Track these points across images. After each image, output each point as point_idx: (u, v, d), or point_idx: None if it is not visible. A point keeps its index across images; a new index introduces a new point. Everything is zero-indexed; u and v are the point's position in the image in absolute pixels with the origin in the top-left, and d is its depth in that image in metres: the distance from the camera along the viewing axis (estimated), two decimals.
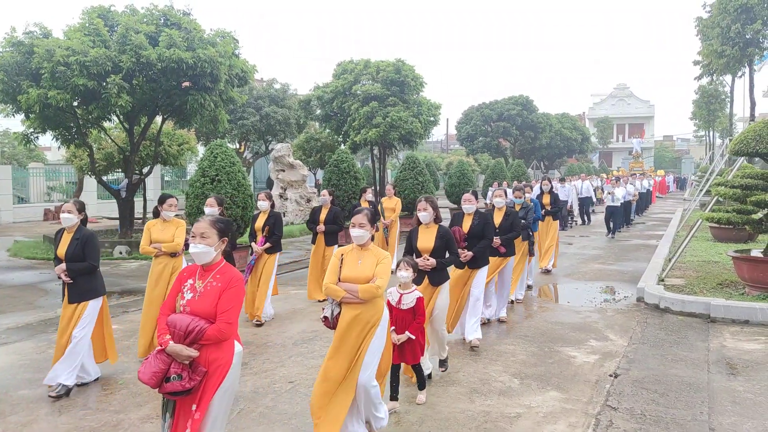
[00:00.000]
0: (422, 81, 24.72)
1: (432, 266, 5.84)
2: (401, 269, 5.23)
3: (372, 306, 4.55)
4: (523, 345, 7.30)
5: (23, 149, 28.00)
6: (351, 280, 4.57)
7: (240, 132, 29.55)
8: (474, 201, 7.04)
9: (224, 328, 3.61)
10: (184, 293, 3.76)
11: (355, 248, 4.76)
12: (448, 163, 41.47)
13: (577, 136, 50.50)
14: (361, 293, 4.46)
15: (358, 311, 4.50)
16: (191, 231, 3.80)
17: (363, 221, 4.72)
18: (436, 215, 5.99)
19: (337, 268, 4.66)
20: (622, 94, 77.20)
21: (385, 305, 4.69)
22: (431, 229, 5.98)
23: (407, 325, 5.18)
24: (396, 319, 5.18)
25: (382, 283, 4.50)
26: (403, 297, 5.21)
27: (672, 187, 54.79)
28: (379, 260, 4.63)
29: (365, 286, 4.48)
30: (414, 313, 5.20)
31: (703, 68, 32.49)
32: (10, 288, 11.14)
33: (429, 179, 20.67)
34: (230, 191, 11.29)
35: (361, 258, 4.68)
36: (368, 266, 4.61)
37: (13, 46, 12.86)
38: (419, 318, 5.22)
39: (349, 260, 4.69)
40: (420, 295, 5.25)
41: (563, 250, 15.56)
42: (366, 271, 4.59)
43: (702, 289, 9.50)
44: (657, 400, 5.51)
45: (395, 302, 5.20)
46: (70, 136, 15.16)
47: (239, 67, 14.87)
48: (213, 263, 3.79)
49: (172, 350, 3.56)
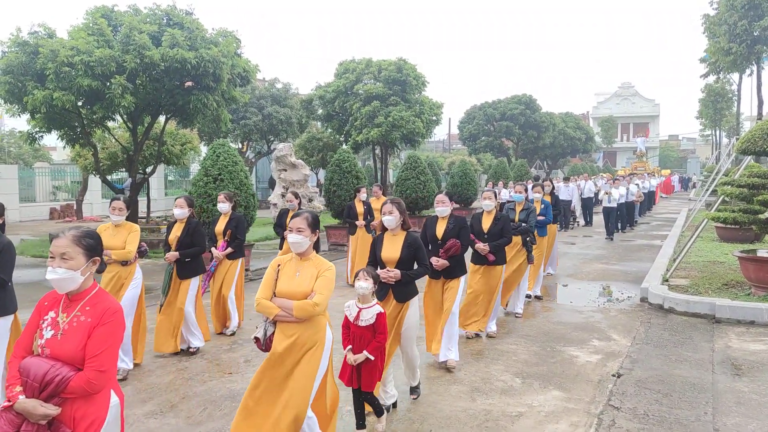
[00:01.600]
0: (424, 80, 24.69)
1: (395, 279, 5.14)
2: (360, 279, 4.62)
3: (311, 326, 3.98)
4: (526, 344, 7.29)
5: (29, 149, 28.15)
6: (287, 296, 3.99)
7: (242, 131, 29.62)
8: (448, 203, 6.41)
9: (94, 378, 2.74)
10: (43, 330, 2.87)
11: (294, 258, 4.15)
12: (450, 163, 41.40)
13: (581, 136, 50.35)
14: (295, 311, 3.87)
15: (294, 332, 3.94)
16: (50, 251, 2.93)
17: (301, 225, 4.08)
18: (403, 220, 5.31)
19: (271, 280, 4.08)
20: (627, 92, 76.92)
21: (327, 326, 4.09)
22: (398, 236, 5.30)
23: (366, 344, 4.56)
24: (354, 337, 4.61)
25: (321, 300, 3.90)
26: (362, 312, 4.60)
27: (677, 187, 54.63)
28: (320, 272, 4.02)
29: (300, 303, 3.89)
30: (374, 330, 4.58)
31: (709, 66, 32.30)
32: (17, 286, 11.03)
33: (431, 179, 20.65)
34: (233, 190, 11.29)
35: (300, 269, 4.08)
36: (307, 279, 4.02)
37: (18, 47, 12.90)
38: (379, 336, 4.59)
39: (286, 272, 4.10)
40: (381, 311, 4.63)
41: (566, 250, 15.54)
42: (303, 286, 3.99)
43: (707, 290, 9.47)
44: (660, 400, 5.49)
45: (353, 318, 4.61)
46: (74, 136, 15.21)
47: (241, 66, 14.88)
48: (80, 291, 2.92)
49: (22, 408, 2.69)
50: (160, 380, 6.06)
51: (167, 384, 5.95)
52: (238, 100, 15.53)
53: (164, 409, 5.30)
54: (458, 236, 6.21)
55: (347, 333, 4.66)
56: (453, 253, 6.11)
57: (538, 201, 9.94)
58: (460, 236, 6.22)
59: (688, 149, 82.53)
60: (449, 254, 6.10)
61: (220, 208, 7.86)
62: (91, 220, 24.32)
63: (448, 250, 6.09)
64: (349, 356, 4.57)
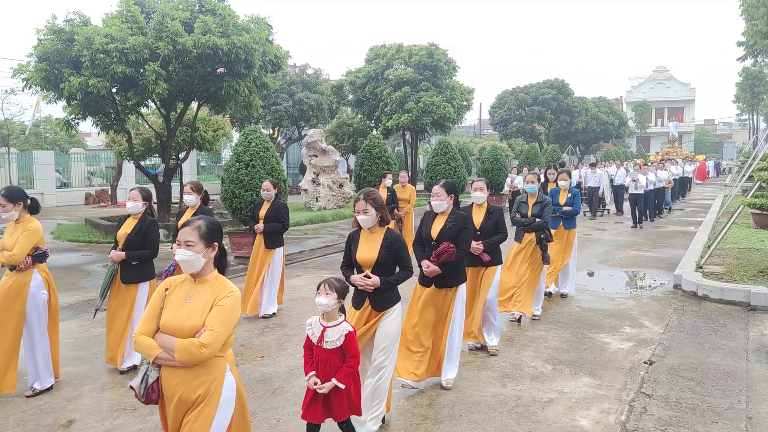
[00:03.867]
0: (455, 65, 24.54)
1: (373, 287, 4.43)
2: (320, 294, 3.92)
3: (202, 373, 3.06)
4: (556, 331, 7.26)
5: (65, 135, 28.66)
6: (172, 331, 3.06)
7: (273, 117, 29.82)
8: (444, 196, 5.34)
9: None
10: None
11: (188, 279, 3.22)
12: (481, 149, 41.14)
13: (614, 121, 49.53)
14: (177, 353, 2.96)
15: (180, 381, 3.04)
16: None
17: (191, 238, 3.13)
18: (381, 216, 4.52)
19: (156, 309, 3.15)
20: (662, 77, 75.31)
21: (228, 370, 3.16)
22: (376, 234, 4.52)
23: (333, 369, 3.88)
24: (318, 362, 3.93)
25: (211, 339, 2.96)
26: (327, 332, 3.92)
27: (712, 173, 53.49)
28: (216, 300, 3.09)
29: (183, 343, 2.96)
30: (343, 354, 3.92)
31: (747, 49, 31.42)
32: (54, 270, 11.38)
33: (461, 165, 20.57)
34: (264, 176, 11.40)
35: (193, 296, 3.14)
36: (198, 309, 3.07)
37: (54, 34, 13.13)
38: (350, 361, 3.91)
39: (174, 299, 3.16)
40: (350, 330, 3.95)
41: (598, 237, 15.39)
42: (193, 318, 3.05)
43: (742, 277, 9.31)
44: (693, 388, 5.44)
45: (316, 339, 3.93)
46: (109, 122, 15.48)
47: (273, 53, 14.95)
48: None
49: None
50: None
51: None
52: (270, 86, 15.62)
53: None
54: (456, 238, 5.23)
55: (310, 356, 3.99)
56: (446, 259, 5.12)
57: (564, 189, 8.92)
58: (459, 239, 5.24)
59: (724, 134, 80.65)
60: (441, 260, 5.13)
61: (186, 200, 7.26)
62: (124, 206, 24.77)
63: (439, 255, 5.12)
64: (311, 383, 3.88)
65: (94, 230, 16.21)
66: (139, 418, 4.87)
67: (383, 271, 4.44)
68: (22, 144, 33.89)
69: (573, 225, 8.78)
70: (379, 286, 4.40)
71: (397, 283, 4.51)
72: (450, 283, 5.27)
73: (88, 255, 13.01)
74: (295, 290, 9.48)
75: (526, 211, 7.51)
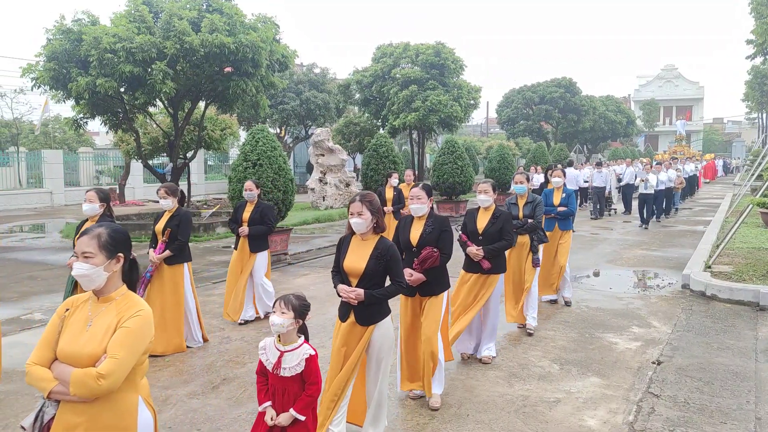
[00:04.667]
0: (462, 64, 24.50)
1: (357, 300, 4.05)
2: (275, 312, 3.47)
3: (107, 408, 2.59)
4: (564, 331, 7.24)
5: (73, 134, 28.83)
6: (70, 359, 2.58)
7: (280, 117, 29.88)
8: (425, 199, 5.01)
9: None
10: None
11: (91, 299, 2.73)
12: (488, 147, 41.09)
13: (622, 119, 49.36)
14: (71, 386, 2.50)
15: (80, 419, 2.55)
16: None
17: (89, 249, 2.66)
18: (376, 222, 4.15)
19: (53, 334, 2.67)
20: (670, 75, 74.95)
21: (141, 404, 2.75)
22: (368, 242, 4.16)
23: (292, 399, 3.44)
24: (275, 391, 3.49)
25: (112, 369, 2.48)
26: (285, 357, 3.45)
27: (720, 172, 53.19)
28: (121, 320, 2.60)
29: (79, 374, 2.50)
30: (302, 381, 3.46)
31: (756, 47, 31.25)
32: (63, 268, 11.52)
33: (468, 164, 20.52)
34: (271, 175, 11.41)
35: (95, 317, 2.66)
36: (100, 333, 2.59)
37: (62, 34, 13.21)
38: (310, 388, 3.45)
39: (75, 321, 2.69)
40: (311, 353, 3.48)
41: (605, 236, 15.33)
42: (93, 343, 2.57)
43: (751, 277, 9.25)
44: (701, 388, 5.41)
45: (272, 365, 3.47)
46: (117, 122, 15.55)
47: (280, 52, 14.99)
48: None
49: None
50: (201, 362, 6.21)
51: (208, 366, 6.09)
52: (277, 85, 15.66)
53: (206, 390, 5.43)
54: (437, 242, 4.95)
55: (264, 383, 3.54)
56: (430, 265, 4.86)
57: (558, 188, 8.47)
58: (440, 242, 4.95)
59: (733, 132, 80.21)
60: (425, 267, 4.86)
61: (162, 204, 6.64)
62: (133, 204, 24.88)
63: (423, 261, 4.84)
64: (268, 418, 3.45)
65: None
66: None
67: (371, 283, 4.07)
68: (31, 143, 34.10)
69: (569, 226, 8.41)
70: (363, 300, 4.03)
71: (385, 298, 4.13)
72: (436, 291, 4.98)
73: None
74: (302, 289, 9.48)
75: (517, 213, 7.09)
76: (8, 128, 34.88)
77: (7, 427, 4.72)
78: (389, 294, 4.13)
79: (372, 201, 4.12)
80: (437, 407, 4.94)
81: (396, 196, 11.22)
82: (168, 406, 5.08)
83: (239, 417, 4.85)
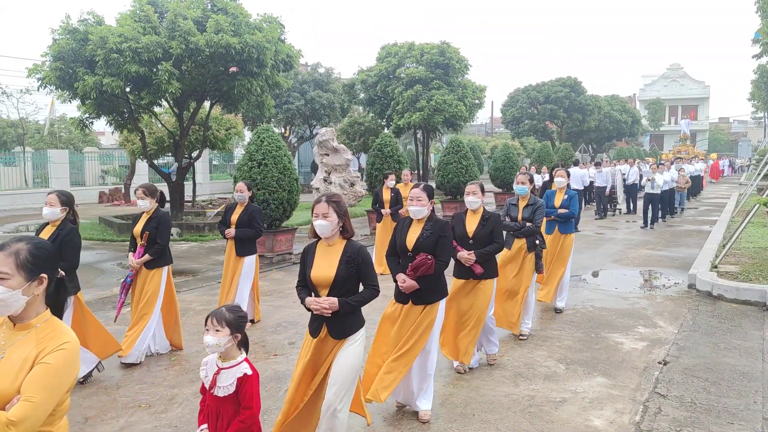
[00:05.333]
0: (467, 63, 24.46)
1: (331, 309, 3.75)
2: (207, 330, 3.16)
3: None
4: (570, 330, 7.23)
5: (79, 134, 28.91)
6: None
7: (285, 116, 29.90)
8: (425, 200, 4.78)
9: None
10: None
11: (6, 323, 2.31)
12: (492, 147, 41.09)
13: (627, 119, 49.23)
14: None
15: None
16: None
17: (4, 269, 2.21)
18: (343, 226, 3.89)
19: None
20: (675, 74, 74.66)
21: None
22: (335, 247, 3.88)
23: (225, 424, 3.16)
24: (209, 413, 3.22)
25: (25, 415, 2.07)
26: (221, 375, 3.17)
27: (727, 171, 52.99)
28: (41, 354, 2.19)
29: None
30: (237, 402, 3.16)
31: (762, 46, 31.14)
32: None
33: (473, 163, 20.48)
34: (276, 175, 11.43)
35: (9, 347, 2.24)
36: (14, 367, 2.18)
37: (68, 34, 13.23)
38: (244, 413, 3.13)
39: None
40: (247, 373, 3.17)
41: (611, 236, 15.29)
42: (3, 381, 2.16)
43: (758, 277, 9.22)
44: (708, 388, 5.40)
45: (209, 384, 3.19)
46: (122, 122, 15.58)
47: (285, 52, 14.98)
48: None
49: None
50: None
51: None
52: (282, 85, 15.66)
53: None
54: (435, 248, 4.69)
55: (204, 404, 3.28)
56: (423, 272, 4.53)
57: (561, 189, 8.22)
58: (437, 248, 4.68)
59: (739, 132, 79.94)
60: (418, 274, 4.54)
61: (140, 205, 6.31)
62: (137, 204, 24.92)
63: (416, 268, 4.53)
64: None
65: (108, 228, 16.34)
66: (154, 415, 4.90)
67: (344, 291, 3.77)
68: (37, 143, 34.23)
69: (570, 229, 8.07)
70: (338, 309, 3.72)
71: (360, 305, 3.84)
72: (430, 299, 4.68)
73: (103, 253, 13.12)
74: None
75: (516, 215, 6.78)
76: (14, 128, 35.02)
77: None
78: (364, 300, 3.82)
79: (339, 202, 3.87)
80: (426, 420, 4.73)
81: (393, 197, 10.93)
82: (174, 405, 5.09)
83: None
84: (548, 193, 8.32)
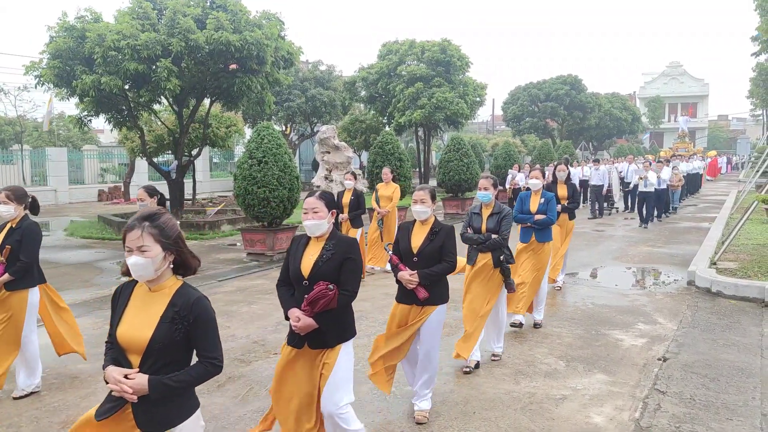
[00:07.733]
0: (468, 61, 24.49)
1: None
2: None
3: None
4: (570, 327, 7.23)
5: (77, 132, 28.91)
6: None
7: (286, 114, 29.89)
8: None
9: None
10: None
11: None
12: (494, 145, 41.02)
13: (627, 117, 49.29)
14: None
15: None
16: None
17: None
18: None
19: None
20: (675, 72, 74.69)
21: None
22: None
23: None
24: None
25: None
26: None
27: (725, 169, 52.92)
28: None
29: None
30: None
31: (761, 44, 31.12)
32: (68, 266, 11.57)
33: (474, 161, 20.48)
34: (277, 173, 11.42)
35: None
36: None
37: (66, 32, 13.23)
38: None
39: None
40: None
41: (611, 233, 15.30)
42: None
43: (756, 273, 9.22)
44: (707, 384, 5.41)
45: None
46: (122, 119, 15.58)
47: (285, 49, 14.98)
48: None
49: None
50: None
51: None
52: (282, 82, 15.67)
53: (211, 388, 5.42)
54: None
55: None
56: (323, 307, 3.54)
57: (537, 193, 7.30)
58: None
59: (738, 129, 79.90)
60: (317, 309, 3.54)
61: (1, 211, 5.06)
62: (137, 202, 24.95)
63: (314, 302, 3.53)
64: None
65: (107, 227, 16.32)
66: None
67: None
68: (35, 141, 34.20)
69: (548, 237, 7.18)
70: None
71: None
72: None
73: (101, 252, 13.11)
74: None
75: (479, 225, 5.76)
76: (12, 126, 34.99)
77: (11, 426, 4.74)
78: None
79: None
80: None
81: (354, 201, 9.58)
82: None
83: (244, 416, 4.86)
84: (522, 197, 7.42)
